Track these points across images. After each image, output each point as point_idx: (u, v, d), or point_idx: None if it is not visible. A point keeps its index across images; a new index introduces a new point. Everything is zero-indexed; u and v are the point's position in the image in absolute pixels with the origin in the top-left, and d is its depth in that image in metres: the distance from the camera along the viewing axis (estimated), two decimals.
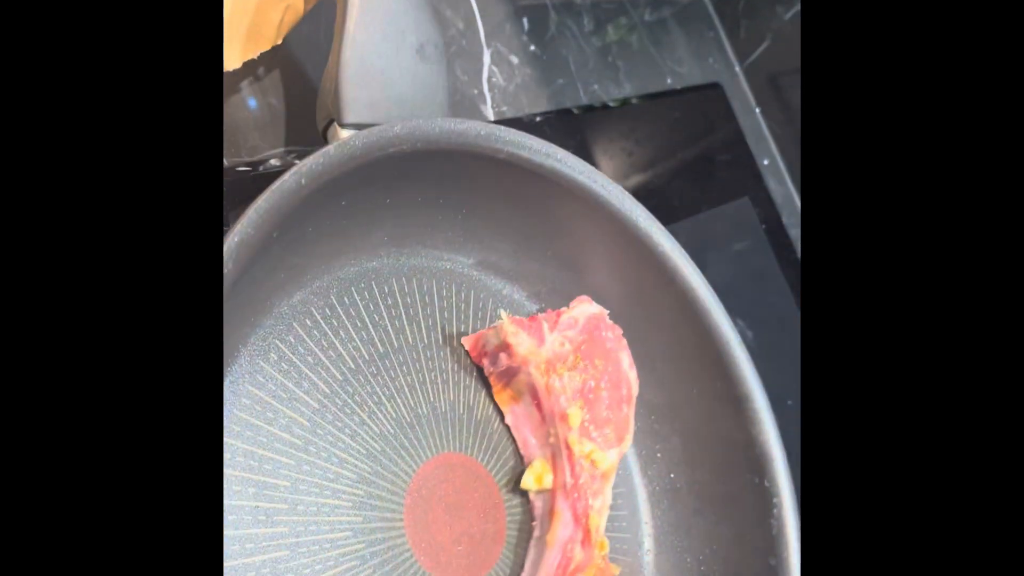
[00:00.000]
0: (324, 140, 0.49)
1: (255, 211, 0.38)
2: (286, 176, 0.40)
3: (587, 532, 0.49)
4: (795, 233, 0.89)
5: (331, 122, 0.47)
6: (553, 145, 0.52)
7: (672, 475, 0.60)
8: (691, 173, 0.82)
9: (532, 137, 0.51)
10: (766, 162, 0.91)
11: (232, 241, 0.37)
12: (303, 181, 0.41)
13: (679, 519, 0.59)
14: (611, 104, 0.80)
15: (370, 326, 0.51)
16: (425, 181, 0.51)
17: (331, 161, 0.42)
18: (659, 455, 0.60)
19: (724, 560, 0.57)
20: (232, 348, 0.44)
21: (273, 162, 0.55)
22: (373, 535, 0.47)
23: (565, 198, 0.55)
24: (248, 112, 0.53)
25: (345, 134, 0.47)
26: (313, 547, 0.44)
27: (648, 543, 0.59)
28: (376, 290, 0.52)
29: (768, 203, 0.88)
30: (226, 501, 0.42)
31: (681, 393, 0.60)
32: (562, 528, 0.50)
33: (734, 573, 0.56)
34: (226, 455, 0.43)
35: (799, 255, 0.87)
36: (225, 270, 0.37)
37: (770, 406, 0.57)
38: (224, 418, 0.43)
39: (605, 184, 0.55)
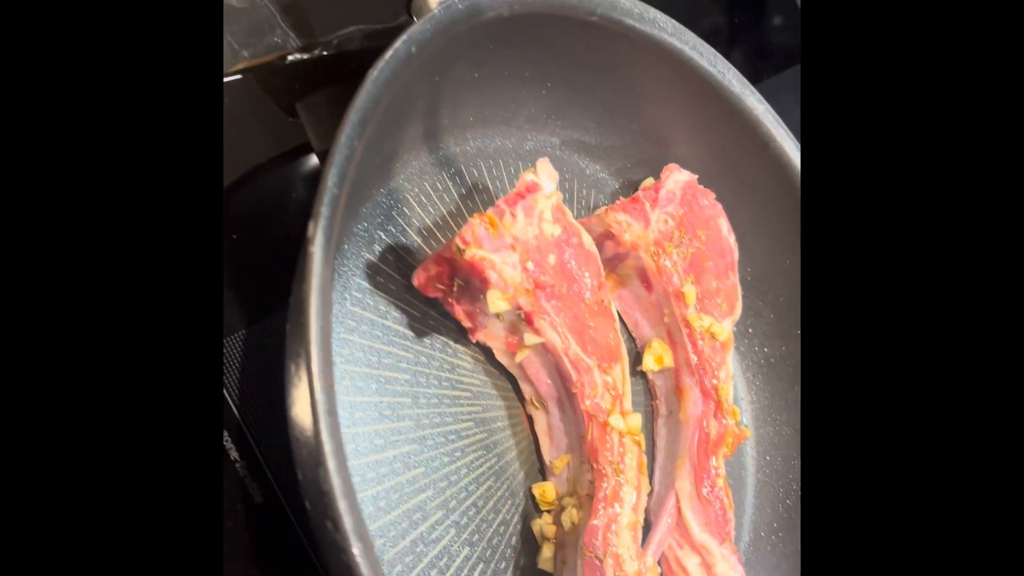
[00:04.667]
0: (407, 12, 0.45)
1: (372, 84, 0.35)
2: (396, 44, 0.37)
3: (719, 404, 0.48)
4: None
5: None
6: (645, 5, 0.49)
7: (766, 349, 0.59)
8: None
9: None
10: None
11: (354, 119, 0.34)
12: (413, 49, 0.37)
13: (775, 393, 0.58)
14: None
15: (464, 211, 0.48)
16: (512, 51, 0.47)
17: (438, 27, 0.38)
18: (751, 330, 0.59)
19: None
20: (338, 241, 0.42)
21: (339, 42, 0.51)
22: (495, 423, 0.46)
23: (653, 62, 0.51)
24: None
25: (435, 3, 0.43)
26: (439, 439, 0.43)
27: (746, 419, 0.58)
28: (466, 174, 0.49)
29: None
30: (351, 398, 0.40)
31: (773, 265, 0.58)
32: (693, 405, 0.48)
33: None
34: (345, 351, 0.41)
35: None
36: (352, 148, 0.34)
37: None
38: (339, 313, 0.41)
39: (696, 45, 0.52)
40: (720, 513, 0.48)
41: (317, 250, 0.32)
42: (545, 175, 0.43)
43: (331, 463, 0.30)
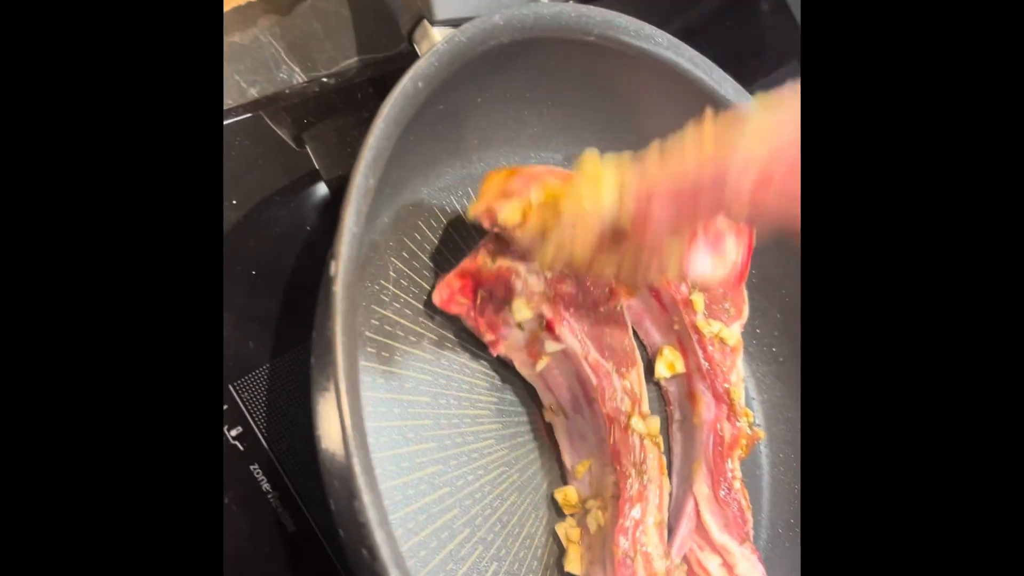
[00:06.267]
0: (409, 42, 0.46)
1: (384, 121, 0.36)
2: (404, 81, 0.38)
3: (731, 407, 0.49)
4: None
5: (419, 21, 0.44)
6: (641, 22, 0.50)
7: (774, 348, 0.60)
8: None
9: (621, 15, 0.49)
10: None
11: (368, 156, 0.35)
12: (420, 84, 0.38)
13: (786, 390, 0.59)
14: None
15: (474, 233, 0.49)
16: (513, 75, 0.48)
17: (442, 60, 0.39)
18: (758, 331, 0.60)
19: None
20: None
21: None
22: (515, 439, 0.47)
23: (651, 76, 0.52)
24: (319, 24, 0.50)
25: (436, 32, 0.44)
26: (462, 458, 0.44)
27: (759, 418, 0.59)
28: (474, 195, 0.50)
29: None
30: (375, 423, 0.42)
31: (777, 266, 0.59)
32: (706, 410, 0.50)
33: None
34: (367, 378, 0.42)
35: None
36: (367, 186, 0.35)
37: None
38: (359, 341, 0.42)
39: (692, 57, 0.52)
40: (738, 514, 0.50)
41: (340, 289, 0.33)
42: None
43: (366, 497, 0.31)
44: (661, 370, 0.51)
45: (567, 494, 0.47)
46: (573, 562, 0.46)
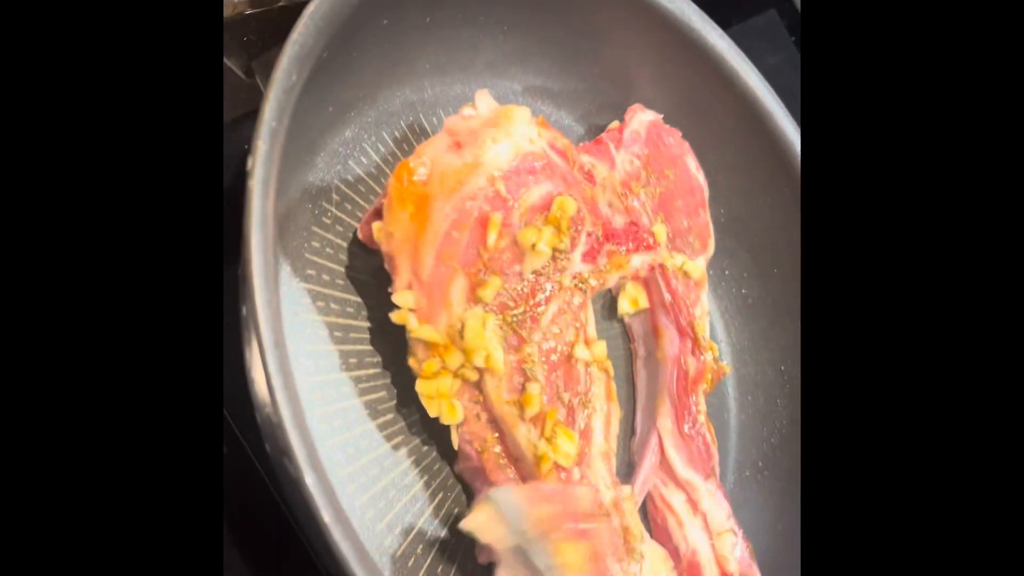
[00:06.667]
0: None
1: (310, 18, 0.35)
2: None
3: (695, 341, 0.48)
4: None
5: None
6: None
7: (744, 290, 0.58)
8: None
9: None
10: None
11: (291, 52, 0.34)
12: None
13: (755, 333, 0.58)
14: None
15: None
16: None
17: None
18: (727, 272, 0.58)
19: None
20: (293, 193, 0.41)
21: None
22: None
23: (613, 4, 0.51)
24: None
25: None
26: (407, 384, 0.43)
27: (727, 359, 0.57)
28: (424, 122, 0.49)
29: (794, 13, 0.84)
30: (312, 347, 0.40)
31: (746, 206, 0.57)
32: (669, 344, 0.48)
33: None
34: (306, 300, 0.40)
35: None
36: (290, 81, 0.33)
37: None
38: (297, 263, 0.41)
39: None
40: (703, 449, 0.48)
41: (257, 184, 0.31)
42: (485, 106, 0.42)
43: (280, 395, 0.30)
44: (624, 306, 0.49)
45: None
46: None
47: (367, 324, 0.42)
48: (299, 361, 0.38)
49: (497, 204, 0.39)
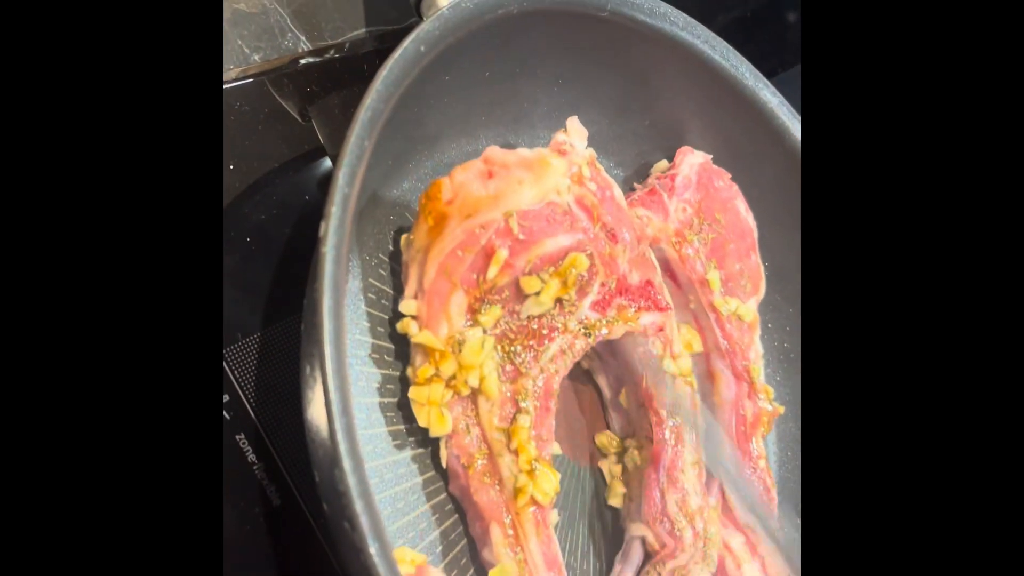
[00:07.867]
0: (417, 14, 0.45)
1: (382, 83, 0.35)
2: (405, 43, 0.37)
3: (752, 385, 0.48)
4: None
5: None
6: (657, 0, 0.48)
7: (786, 344, 0.58)
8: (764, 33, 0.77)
9: None
10: None
11: (364, 117, 0.34)
12: (422, 48, 0.37)
13: (796, 388, 0.58)
14: None
15: None
16: (522, 49, 0.47)
17: (446, 25, 0.38)
18: (770, 325, 0.58)
19: None
20: (351, 242, 0.42)
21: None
22: None
23: (665, 57, 0.51)
24: None
25: (444, 2, 0.43)
26: None
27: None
28: None
29: None
30: (368, 399, 0.40)
31: (791, 260, 0.57)
32: (726, 388, 0.49)
33: None
34: (362, 352, 0.41)
35: None
36: (362, 148, 0.34)
37: None
38: (355, 315, 0.41)
39: (709, 39, 0.51)
40: (763, 493, 0.49)
41: (329, 250, 0.32)
42: (576, 134, 0.43)
43: (347, 463, 0.30)
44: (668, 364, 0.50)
45: (609, 438, 0.49)
46: (617, 496, 0.47)
47: None
48: (358, 415, 0.39)
49: (506, 239, 0.40)
